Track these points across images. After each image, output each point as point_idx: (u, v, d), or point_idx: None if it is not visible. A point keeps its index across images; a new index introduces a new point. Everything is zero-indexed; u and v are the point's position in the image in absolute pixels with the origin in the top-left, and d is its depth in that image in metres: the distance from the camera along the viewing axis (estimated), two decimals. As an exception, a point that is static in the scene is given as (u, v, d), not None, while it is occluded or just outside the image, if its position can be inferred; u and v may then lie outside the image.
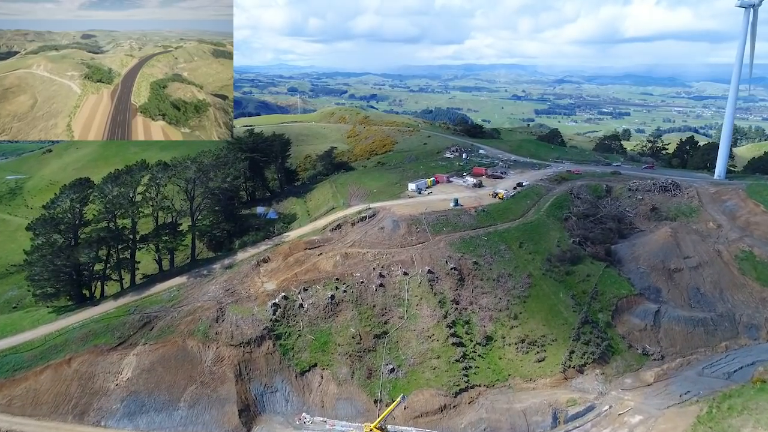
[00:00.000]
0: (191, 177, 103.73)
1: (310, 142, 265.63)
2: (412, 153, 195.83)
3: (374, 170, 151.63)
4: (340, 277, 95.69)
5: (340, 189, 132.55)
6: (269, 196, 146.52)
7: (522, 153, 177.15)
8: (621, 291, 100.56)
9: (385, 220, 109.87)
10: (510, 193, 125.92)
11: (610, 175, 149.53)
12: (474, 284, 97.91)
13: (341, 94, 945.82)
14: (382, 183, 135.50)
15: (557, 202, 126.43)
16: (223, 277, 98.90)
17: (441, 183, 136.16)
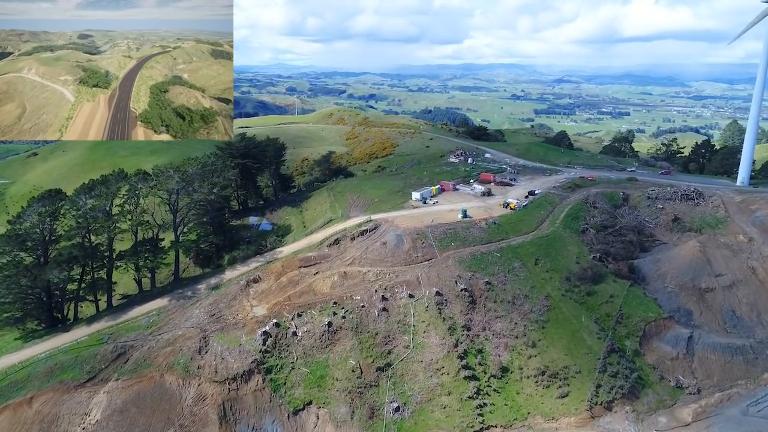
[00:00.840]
0: (174, 188, 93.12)
1: (308, 145, 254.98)
2: (414, 157, 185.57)
3: (375, 177, 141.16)
4: (338, 300, 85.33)
5: (338, 198, 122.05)
6: (262, 204, 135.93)
7: (530, 157, 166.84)
8: (649, 314, 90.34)
9: (387, 234, 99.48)
10: (522, 203, 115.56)
11: (627, 181, 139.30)
12: (487, 307, 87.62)
13: (340, 94, 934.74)
14: (383, 191, 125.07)
15: (573, 212, 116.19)
16: (208, 300, 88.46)
17: (447, 191, 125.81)
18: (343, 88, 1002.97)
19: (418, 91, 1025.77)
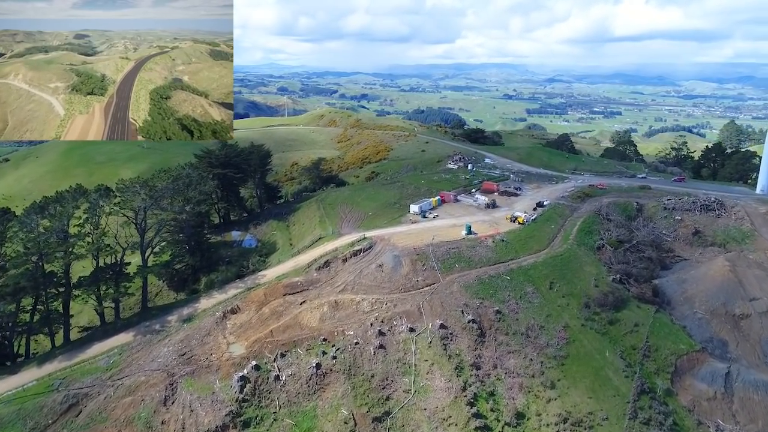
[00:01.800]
0: (140, 206, 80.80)
1: (298, 148, 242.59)
2: (409, 162, 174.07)
3: (368, 186, 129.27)
4: (328, 336, 73.54)
5: (328, 211, 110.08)
6: (246, 217, 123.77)
7: (533, 162, 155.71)
8: (679, 345, 79.29)
9: (383, 254, 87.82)
10: (531, 216, 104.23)
11: (639, 190, 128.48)
12: (498, 340, 76.17)
13: (332, 94, 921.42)
14: (378, 203, 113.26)
15: (586, 226, 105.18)
16: (178, 335, 76.34)
17: (447, 203, 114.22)
18: (335, 88, 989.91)
19: (410, 91, 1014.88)
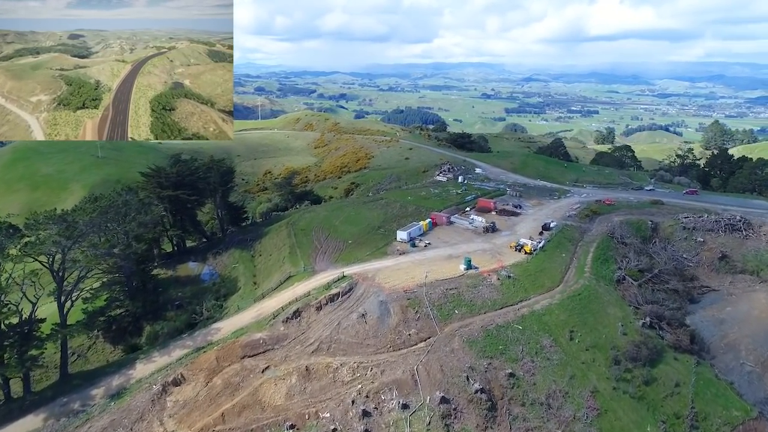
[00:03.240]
0: (53, 251, 61.79)
1: (272, 155, 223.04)
2: (392, 171, 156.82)
3: (347, 205, 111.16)
4: (296, 420, 55.87)
5: (300, 239, 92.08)
6: (205, 243, 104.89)
7: (529, 173, 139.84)
8: (732, 412, 63.80)
9: (367, 300, 70.48)
10: (538, 243, 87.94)
11: (651, 205, 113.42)
12: (513, 413, 59.57)
13: (310, 94, 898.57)
14: (359, 228, 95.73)
15: (600, 252, 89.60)
16: (102, 420, 57.85)
17: (440, 225, 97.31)
18: (313, 87, 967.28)
19: (388, 90, 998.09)
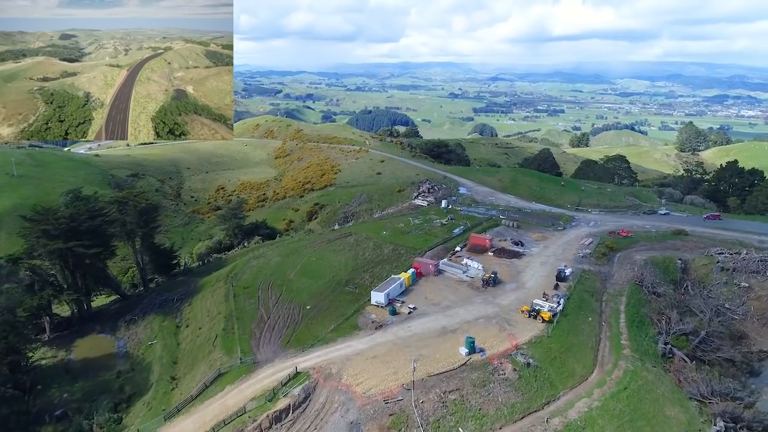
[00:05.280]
0: None
1: (227, 167, 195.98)
2: (362, 190, 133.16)
3: (306, 246, 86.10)
4: None
5: (241, 304, 67.43)
6: (118, 306, 78.74)
7: (522, 193, 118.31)
8: None
9: (330, 419, 46.89)
10: (556, 303, 65.92)
11: (673, 236, 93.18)
12: None
13: (276, 94, 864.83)
14: (320, 283, 71.65)
15: (633, 311, 68.73)
16: None
17: (426, 276, 74.24)
18: (280, 87, 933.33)
19: (356, 90, 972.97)
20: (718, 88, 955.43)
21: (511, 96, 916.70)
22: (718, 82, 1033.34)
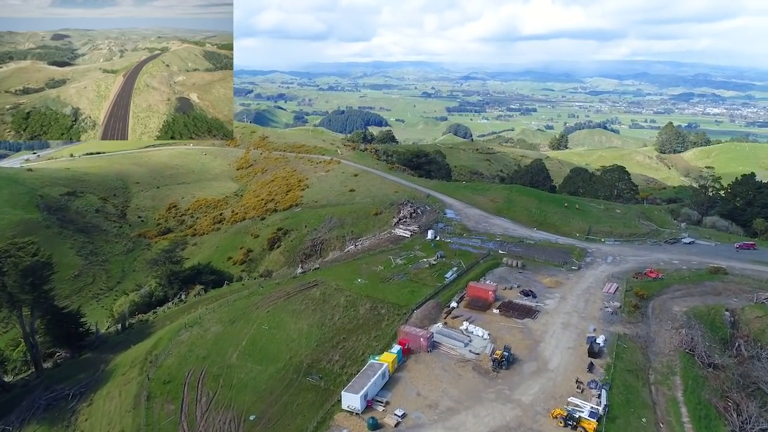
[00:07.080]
0: None
1: (181, 180, 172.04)
2: (333, 212, 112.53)
3: (259, 306, 64.99)
4: None
5: (155, 416, 46.57)
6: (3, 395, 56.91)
7: (519, 217, 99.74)
8: None
9: None
10: (597, 401, 47.08)
11: (710, 276, 75.76)
12: None
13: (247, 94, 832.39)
14: (272, 370, 51.12)
15: (695, 401, 50.55)
16: None
17: (416, 352, 54.45)
18: (251, 87, 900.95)
19: (328, 89, 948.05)
20: (684, 86, 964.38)
21: (484, 95, 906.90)
22: (684, 80, 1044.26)
